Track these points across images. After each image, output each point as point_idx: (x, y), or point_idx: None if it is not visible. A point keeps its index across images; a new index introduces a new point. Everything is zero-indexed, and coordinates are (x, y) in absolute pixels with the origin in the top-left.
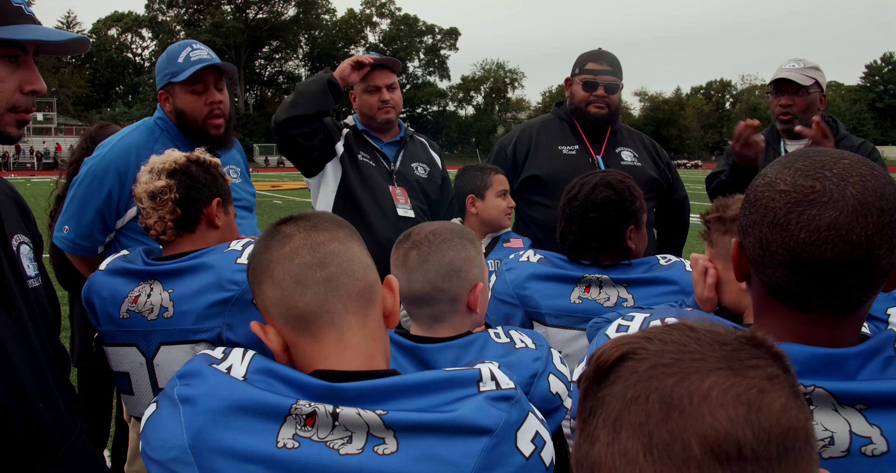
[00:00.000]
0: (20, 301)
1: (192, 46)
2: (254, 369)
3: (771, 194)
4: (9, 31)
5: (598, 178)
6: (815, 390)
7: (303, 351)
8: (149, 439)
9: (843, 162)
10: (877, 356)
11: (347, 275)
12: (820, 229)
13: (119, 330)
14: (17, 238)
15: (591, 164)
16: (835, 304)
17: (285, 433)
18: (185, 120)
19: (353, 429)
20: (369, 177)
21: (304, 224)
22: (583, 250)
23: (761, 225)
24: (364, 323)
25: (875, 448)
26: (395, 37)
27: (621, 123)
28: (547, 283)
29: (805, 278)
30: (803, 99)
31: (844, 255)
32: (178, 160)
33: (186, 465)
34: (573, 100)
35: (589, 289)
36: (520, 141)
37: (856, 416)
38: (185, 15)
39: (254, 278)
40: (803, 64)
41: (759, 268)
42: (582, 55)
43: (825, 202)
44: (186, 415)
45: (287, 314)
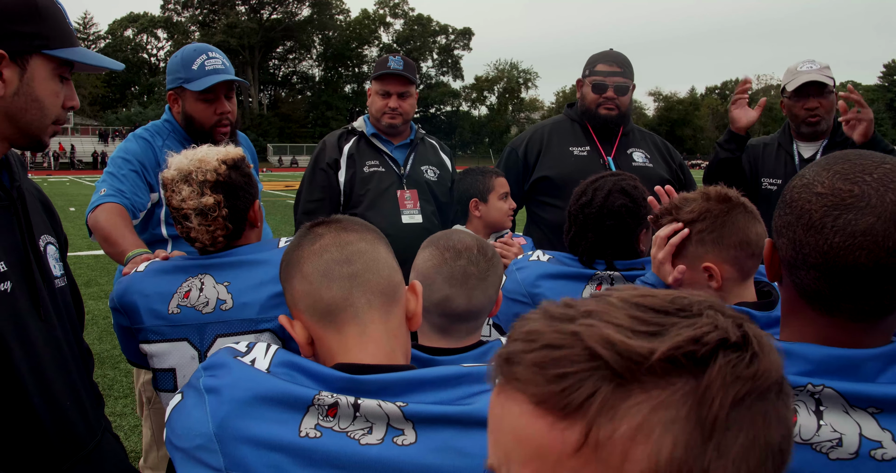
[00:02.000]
0: (48, 302)
1: (207, 54)
2: (277, 362)
3: (808, 196)
4: (69, 52)
5: (611, 183)
6: (825, 390)
7: (327, 344)
8: (174, 427)
9: (884, 167)
10: None
11: (372, 272)
12: (856, 235)
13: (168, 326)
14: (43, 239)
15: (602, 165)
16: (866, 309)
17: (308, 423)
18: (193, 124)
19: (373, 420)
20: (374, 188)
21: (336, 226)
22: (597, 255)
23: (796, 227)
24: (386, 320)
25: (885, 453)
26: (409, 37)
27: (633, 124)
28: (559, 281)
29: (837, 282)
30: (828, 100)
31: (879, 261)
32: (220, 170)
33: (211, 452)
34: (584, 101)
35: (601, 287)
36: (531, 142)
37: (867, 419)
38: (199, 16)
39: (286, 275)
40: (818, 65)
41: (792, 269)
42: (592, 57)
43: (863, 207)
44: (212, 404)
45: (313, 306)
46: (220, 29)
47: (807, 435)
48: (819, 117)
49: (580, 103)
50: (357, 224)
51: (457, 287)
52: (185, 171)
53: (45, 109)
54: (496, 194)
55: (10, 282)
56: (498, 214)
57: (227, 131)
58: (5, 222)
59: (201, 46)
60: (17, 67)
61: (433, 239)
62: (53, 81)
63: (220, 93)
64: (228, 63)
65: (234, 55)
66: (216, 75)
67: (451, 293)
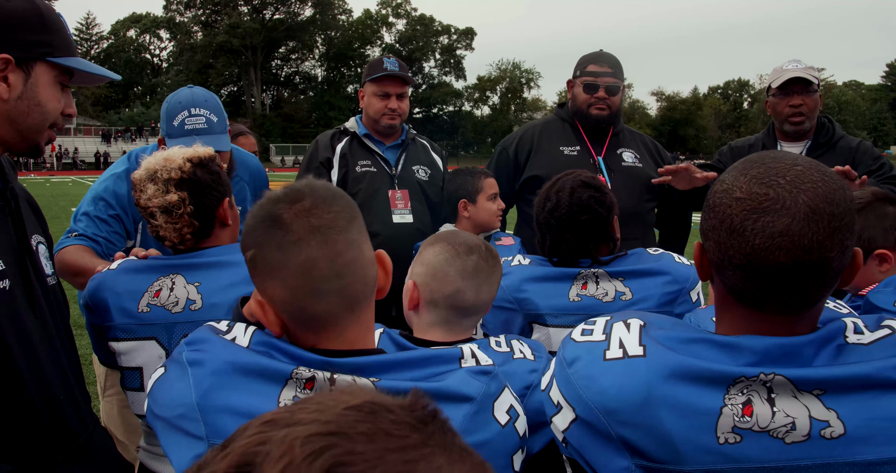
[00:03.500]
0: (42, 299)
1: (189, 111)
2: (256, 341)
3: (728, 201)
4: (72, 61)
5: (570, 182)
6: (776, 377)
7: (302, 338)
8: (156, 397)
9: (795, 169)
10: (829, 344)
11: (360, 282)
12: (774, 236)
13: (138, 324)
14: (35, 238)
15: (592, 165)
16: (791, 303)
17: (286, 394)
18: None
19: None
20: (366, 188)
21: (318, 222)
22: (581, 254)
23: (720, 230)
24: (364, 315)
25: (833, 431)
26: (412, 37)
27: (623, 124)
28: (544, 283)
29: (761, 280)
30: (812, 98)
31: (797, 259)
32: (184, 168)
33: (193, 421)
34: (575, 102)
35: (586, 285)
36: (522, 142)
37: (814, 401)
38: (202, 16)
39: (260, 270)
40: (804, 64)
41: (720, 270)
42: (583, 57)
43: (778, 209)
44: (195, 376)
45: (295, 314)
46: (223, 29)
47: (764, 423)
48: (803, 115)
49: (571, 104)
50: (340, 216)
51: (468, 280)
52: (152, 170)
53: (46, 114)
54: (485, 195)
55: (8, 280)
56: (486, 215)
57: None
58: (1, 223)
59: (188, 99)
60: (23, 73)
61: (439, 237)
62: (55, 87)
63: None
64: (217, 118)
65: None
66: (194, 135)
67: (462, 286)
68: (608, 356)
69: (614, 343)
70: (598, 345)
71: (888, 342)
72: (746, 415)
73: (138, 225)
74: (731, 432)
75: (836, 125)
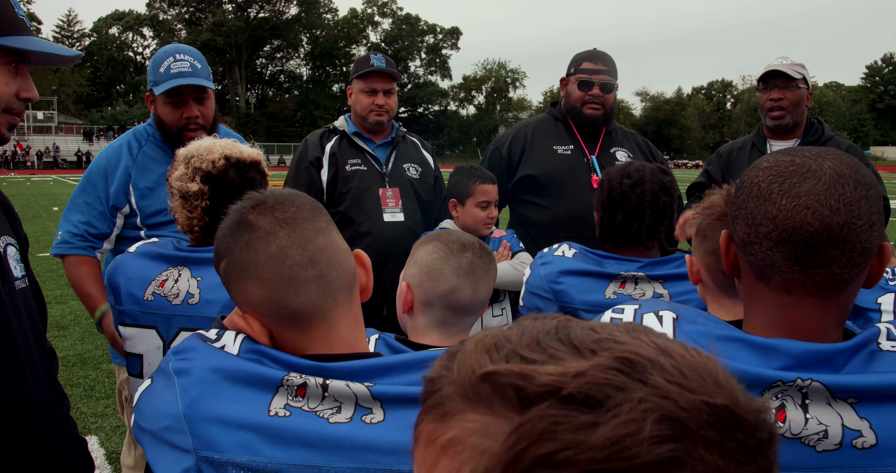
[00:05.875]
0: (7, 302)
1: (174, 56)
2: (245, 349)
3: (755, 173)
4: (15, 40)
5: (647, 165)
6: (812, 383)
7: (291, 342)
8: (142, 410)
9: (818, 148)
10: (862, 351)
11: (336, 269)
12: (800, 195)
13: (142, 311)
14: (3, 240)
15: (585, 164)
16: (817, 280)
17: (277, 402)
18: (163, 127)
19: (341, 400)
20: (356, 186)
21: (282, 216)
22: (653, 236)
23: (747, 202)
24: (349, 310)
25: (865, 441)
26: (397, 36)
27: (616, 124)
28: (582, 278)
29: (789, 248)
30: (794, 93)
31: (824, 220)
32: (217, 162)
33: (179, 433)
34: (568, 99)
35: (624, 285)
36: (515, 141)
37: (847, 410)
38: (186, 13)
39: (234, 276)
40: (790, 60)
41: (747, 249)
42: (577, 55)
43: (804, 173)
44: (181, 386)
45: (277, 312)
46: (207, 27)
47: (796, 430)
48: (783, 110)
49: (564, 102)
50: (304, 209)
51: (463, 278)
52: (190, 154)
53: None
54: (474, 201)
55: None
56: (472, 221)
57: (196, 136)
58: None
59: (173, 48)
60: None
61: (432, 236)
62: (1, 70)
63: (187, 96)
64: (201, 65)
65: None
66: (179, 79)
67: (457, 284)
68: None
69: None
70: None
71: None
72: (779, 421)
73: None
74: None
75: (826, 126)
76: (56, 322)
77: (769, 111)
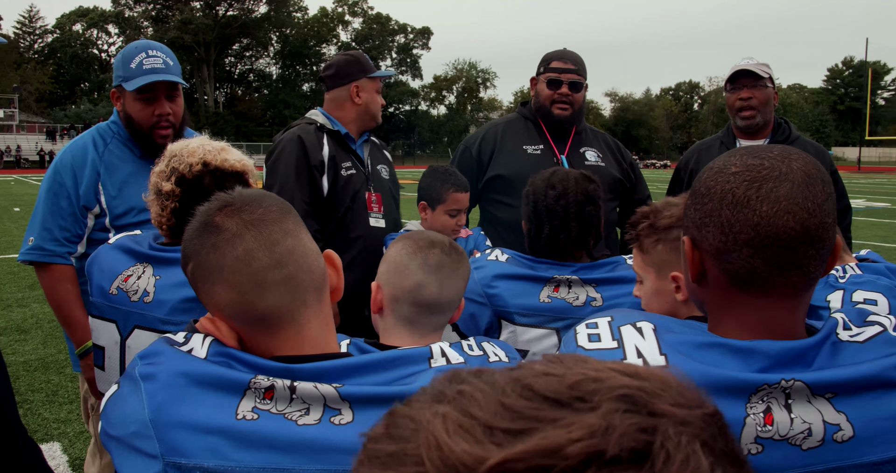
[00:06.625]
0: None
1: (147, 52)
2: (213, 352)
3: (725, 178)
4: None
5: (571, 173)
6: (795, 383)
7: (260, 344)
8: (109, 416)
9: (778, 147)
10: (826, 344)
11: (305, 271)
12: (780, 199)
13: (106, 304)
14: None
15: (555, 164)
16: (794, 281)
17: (245, 406)
18: (133, 125)
19: (309, 401)
20: (351, 192)
21: (249, 217)
22: (578, 245)
23: (721, 209)
24: (319, 312)
25: (844, 434)
26: (368, 36)
27: (586, 124)
28: (515, 282)
29: (771, 254)
30: (762, 92)
31: (804, 223)
32: (195, 166)
33: (146, 439)
34: (538, 99)
35: (558, 289)
36: (485, 140)
37: (825, 405)
38: (152, 11)
39: (201, 278)
40: (756, 61)
41: (721, 256)
42: (547, 54)
43: (777, 176)
44: (148, 391)
45: (245, 315)
46: (174, 25)
47: (784, 431)
48: (753, 109)
49: (534, 101)
50: (271, 210)
51: (430, 274)
52: (174, 152)
53: None
54: (444, 208)
55: None
56: (440, 227)
57: (168, 134)
58: None
59: (144, 44)
60: None
61: (404, 235)
62: None
63: (160, 93)
64: (173, 62)
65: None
66: (153, 75)
67: (424, 280)
68: None
69: (630, 351)
70: (612, 354)
71: (882, 339)
72: (768, 424)
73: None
74: (754, 442)
75: (792, 126)
76: (17, 326)
77: (739, 111)
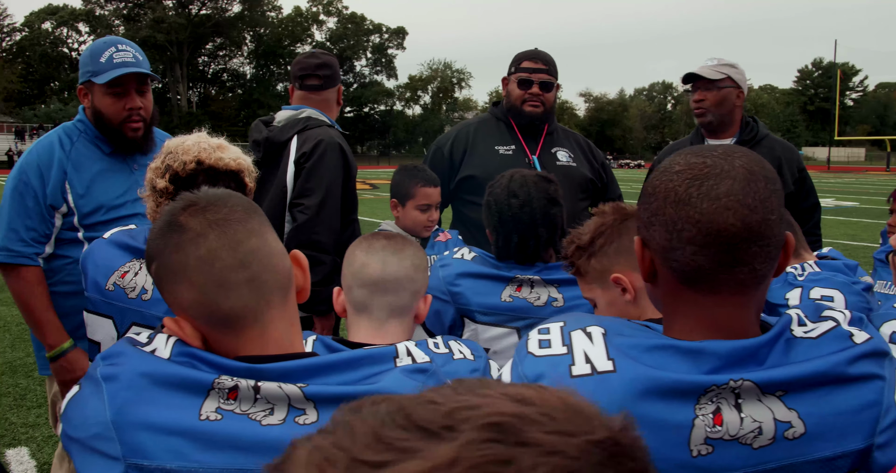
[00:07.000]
0: None
1: (116, 46)
2: (177, 352)
3: (669, 177)
4: None
5: (530, 177)
6: (744, 383)
7: (224, 345)
8: (70, 418)
9: (724, 146)
10: (779, 341)
11: (269, 271)
12: (720, 196)
13: (102, 300)
14: None
15: (527, 164)
16: (741, 278)
17: (208, 406)
18: (102, 120)
19: (274, 401)
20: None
21: (214, 217)
22: (547, 248)
23: (664, 208)
24: (284, 312)
25: (795, 431)
26: (342, 35)
27: (557, 124)
28: (479, 281)
29: (714, 251)
30: (714, 93)
31: (745, 219)
32: (188, 164)
33: (108, 441)
34: (509, 98)
35: (520, 288)
36: (457, 141)
37: (776, 403)
38: (124, 9)
39: (164, 278)
40: (718, 61)
41: (668, 254)
42: (518, 54)
43: (718, 173)
44: (109, 392)
45: (208, 316)
46: (147, 23)
47: (734, 431)
48: (704, 110)
49: (506, 101)
50: (237, 209)
51: (371, 255)
52: (171, 148)
53: None
54: (414, 203)
55: None
56: (412, 223)
57: (139, 128)
58: None
59: (113, 39)
60: None
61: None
62: None
63: (130, 87)
64: (142, 57)
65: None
66: (124, 68)
67: (366, 260)
68: (575, 372)
69: (579, 357)
70: (561, 360)
71: (834, 335)
72: (717, 424)
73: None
74: (704, 443)
75: (760, 124)
76: None
77: (694, 112)
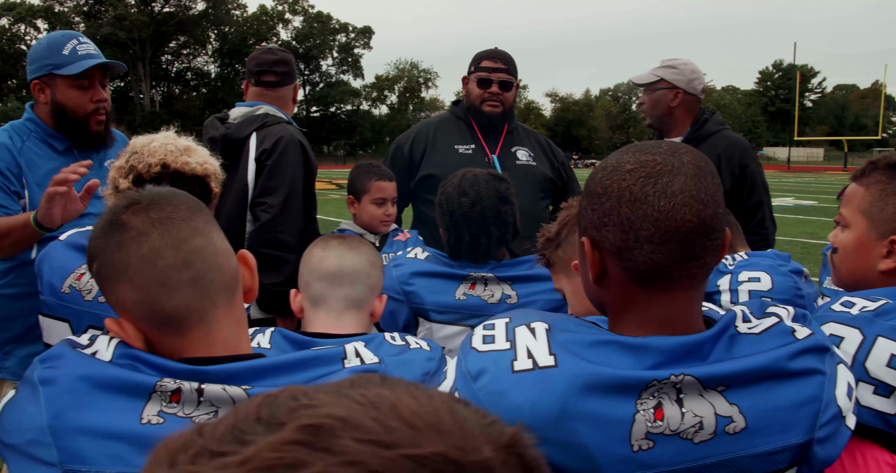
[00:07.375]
0: None
1: (78, 39)
2: (119, 354)
3: (620, 176)
4: None
5: (481, 176)
6: (685, 378)
7: (167, 346)
8: (4, 423)
9: (666, 142)
10: (723, 337)
11: (214, 270)
12: (675, 193)
13: (58, 303)
14: None
15: (486, 163)
16: (693, 273)
17: (150, 410)
18: (65, 114)
19: (218, 404)
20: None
21: (157, 215)
22: (500, 246)
23: (619, 208)
24: (229, 312)
25: (736, 426)
26: (308, 34)
27: (518, 123)
28: (432, 279)
29: (672, 248)
30: (648, 96)
31: (700, 215)
32: (153, 168)
33: (44, 446)
34: (469, 98)
35: (474, 286)
36: (417, 140)
37: (718, 398)
38: (84, 6)
39: (106, 277)
40: (661, 63)
41: (623, 254)
42: (477, 54)
43: (670, 170)
44: (46, 396)
45: (151, 316)
46: (108, 21)
47: (675, 426)
48: (644, 113)
49: (466, 100)
50: (181, 207)
51: (328, 250)
52: (136, 148)
53: None
54: (370, 198)
55: None
56: (368, 217)
57: (103, 121)
58: None
59: (71, 32)
60: None
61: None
62: None
63: (96, 79)
64: (99, 51)
65: (123, 49)
66: (91, 59)
67: (323, 255)
68: (517, 368)
69: (521, 352)
70: (504, 355)
71: (777, 330)
72: (658, 419)
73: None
74: (645, 438)
75: (712, 121)
76: None
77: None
